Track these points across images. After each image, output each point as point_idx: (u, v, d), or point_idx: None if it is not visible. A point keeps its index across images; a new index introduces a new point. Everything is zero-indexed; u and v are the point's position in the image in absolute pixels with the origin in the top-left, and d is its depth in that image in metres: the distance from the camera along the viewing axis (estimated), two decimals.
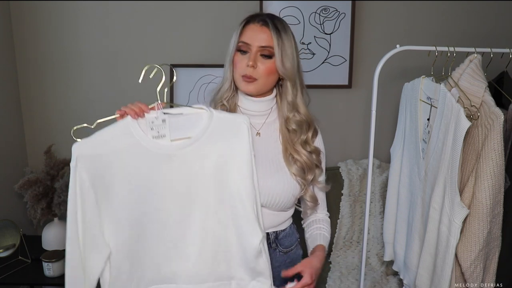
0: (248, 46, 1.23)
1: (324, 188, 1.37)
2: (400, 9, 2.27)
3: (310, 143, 1.31)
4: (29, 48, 2.23)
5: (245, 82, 1.24)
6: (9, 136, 2.21)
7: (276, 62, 1.22)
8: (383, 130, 2.28)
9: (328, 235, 1.37)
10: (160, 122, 1.09)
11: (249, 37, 1.23)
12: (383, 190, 2.24)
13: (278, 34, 1.21)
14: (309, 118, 1.31)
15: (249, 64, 1.21)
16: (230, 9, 2.22)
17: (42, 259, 1.92)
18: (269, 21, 1.23)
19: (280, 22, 1.25)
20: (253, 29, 1.23)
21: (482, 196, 1.41)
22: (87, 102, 2.29)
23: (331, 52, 2.28)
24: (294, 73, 1.25)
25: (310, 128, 1.32)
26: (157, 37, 2.24)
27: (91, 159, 1.07)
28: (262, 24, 1.23)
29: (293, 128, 1.29)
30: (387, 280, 2.13)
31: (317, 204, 1.34)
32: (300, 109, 1.30)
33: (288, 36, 1.24)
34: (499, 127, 1.38)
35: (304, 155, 1.28)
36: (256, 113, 1.31)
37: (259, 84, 1.25)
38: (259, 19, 1.24)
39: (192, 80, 2.27)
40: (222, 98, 1.31)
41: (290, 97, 1.28)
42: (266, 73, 1.23)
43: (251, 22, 1.24)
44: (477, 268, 1.46)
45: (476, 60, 1.51)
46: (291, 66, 1.24)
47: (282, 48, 1.21)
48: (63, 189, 2.06)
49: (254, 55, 1.22)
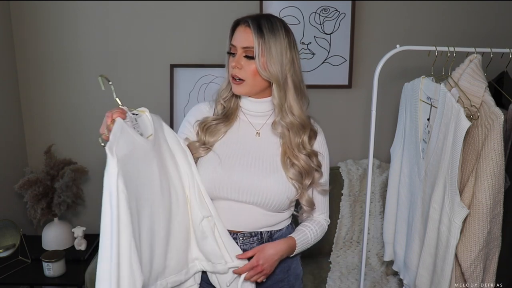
0: (234, 48, 1.25)
1: (323, 192, 1.36)
2: (400, 9, 2.27)
3: (306, 146, 1.29)
4: (29, 48, 2.23)
5: (234, 84, 1.26)
6: (9, 136, 2.21)
7: (256, 63, 1.21)
8: (383, 130, 2.28)
9: (310, 236, 1.34)
10: (135, 122, 1.11)
11: (235, 38, 1.25)
12: (383, 190, 2.24)
13: (260, 34, 1.20)
14: (304, 120, 1.28)
15: (232, 65, 1.24)
16: (230, 9, 2.22)
17: (42, 259, 1.92)
18: (251, 22, 1.22)
19: (269, 22, 1.23)
20: (239, 31, 1.25)
21: (482, 196, 1.41)
22: (87, 102, 2.29)
23: (331, 52, 2.28)
24: (278, 75, 1.22)
25: (305, 131, 1.29)
26: (157, 37, 2.24)
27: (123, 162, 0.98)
28: (246, 26, 1.23)
29: (279, 131, 1.28)
30: (387, 280, 2.13)
31: (313, 208, 1.34)
32: (294, 111, 1.26)
33: (276, 37, 1.22)
34: (499, 127, 1.38)
35: (302, 160, 1.27)
36: (257, 114, 1.32)
37: (248, 85, 1.25)
38: (244, 20, 1.24)
39: (192, 80, 2.26)
40: (220, 98, 1.33)
41: (276, 100, 1.25)
42: (252, 73, 1.23)
43: (239, 24, 1.26)
44: (477, 268, 1.46)
45: (476, 60, 1.51)
46: (276, 68, 1.21)
47: (263, 49, 1.20)
48: (63, 189, 2.06)
49: (238, 56, 1.23)
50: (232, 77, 1.25)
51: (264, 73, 1.22)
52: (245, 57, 1.23)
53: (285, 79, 1.25)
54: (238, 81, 1.25)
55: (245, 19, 1.25)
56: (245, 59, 1.23)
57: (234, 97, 1.33)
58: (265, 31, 1.22)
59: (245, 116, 1.33)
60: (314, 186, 1.32)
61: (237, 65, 1.23)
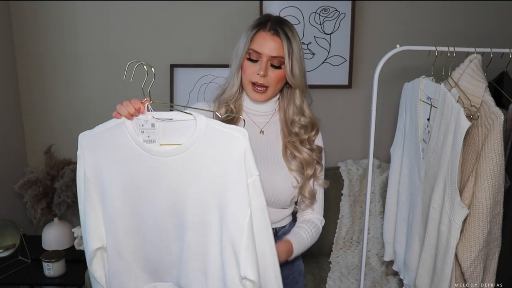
0: (259, 55, 1.23)
1: (324, 184, 1.38)
2: (400, 9, 2.27)
3: (312, 142, 1.33)
4: (29, 48, 2.23)
5: (255, 92, 1.25)
6: (9, 136, 2.21)
7: (287, 72, 1.23)
8: (383, 130, 2.28)
9: (306, 238, 1.33)
10: (149, 126, 1.05)
11: (260, 45, 1.22)
12: (383, 190, 2.24)
13: (289, 43, 1.21)
14: (313, 120, 1.34)
15: (260, 74, 1.22)
16: (230, 9, 2.22)
17: (42, 259, 1.92)
18: (280, 29, 1.22)
19: (289, 28, 1.25)
20: (264, 38, 1.22)
21: (482, 196, 1.41)
22: (87, 102, 2.29)
23: (331, 52, 2.28)
24: (302, 79, 1.27)
25: (314, 129, 1.34)
26: (157, 37, 2.24)
27: (91, 150, 1.08)
28: (274, 33, 1.22)
29: (296, 130, 1.30)
30: (387, 280, 2.13)
31: (314, 201, 1.34)
32: (306, 112, 1.32)
33: (296, 41, 1.24)
34: (499, 127, 1.38)
35: (305, 152, 1.30)
36: (260, 113, 1.34)
37: (270, 92, 1.27)
38: (270, 27, 1.23)
39: (192, 80, 2.26)
40: (228, 100, 1.31)
41: (298, 101, 1.30)
42: (276, 81, 1.25)
43: (262, 30, 1.24)
44: (477, 268, 1.46)
45: (476, 60, 1.51)
46: (299, 72, 1.25)
47: (292, 56, 1.22)
48: (63, 189, 2.06)
49: (265, 64, 1.22)
50: (253, 84, 1.24)
51: (293, 80, 1.24)
52: (271, 65, 1.23)
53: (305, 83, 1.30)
54: (261, 90, 1.24)
55: (271, 25, 1.23)
56: (270, 67, 1.23)
57: (238, 98, 1.33)
58: (292, 38, 1.22)
59: (247, 116, 1.34)
60: (314, 179, 1.34)
61: (265, 74, 1.22)
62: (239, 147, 1.00)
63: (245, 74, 1.26)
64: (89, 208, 1.11)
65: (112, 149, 1.07)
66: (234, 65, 1.28)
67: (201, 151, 1.02)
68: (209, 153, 1.01)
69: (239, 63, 1.26)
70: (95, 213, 1.11)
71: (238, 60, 1.26)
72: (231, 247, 1.02)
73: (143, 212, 1.09)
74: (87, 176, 1.08)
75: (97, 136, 1.08)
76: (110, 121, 1.08)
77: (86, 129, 1.11)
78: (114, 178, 1.08)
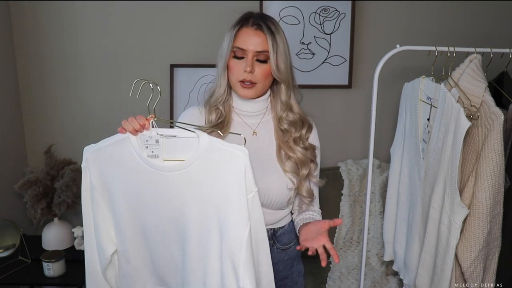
0: (243, 51, 1.22)
1: (319, 183, 1.36)
2: (400, 9, 2.27)
3: (304, 140, 1.31)
4: (29, 48, 2.23)
5: (243, 88, 1.24)
6: (9, 136, 2.21)
7: (272, 67, 1.22)
8: (383, 130, 2.28)
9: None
10: (154, 142, 1.07)
11: (244, 42, 1.21)
12: (383, 190, 2.24)
13: (273, 36, 1.20)
14: (303, 116, 1.32)
15: (247, 70, 1.21)
16: (230, 9, 2.21)
17: (42, 259, 1.92)
18: (263, 24, 1.21)
19: (272, 23, 1.24)
20: (247, 33, 1.22)
21: (482, 196, 1.41)
22: (87, 102, 2.28)
23: (331, 52, 2.28)
24: (288, 74, 1.25)
25: (304, 126, 1.32)
26: (157, 37, 2.24)
27: (96, 163, 1.10)
28: (257, 28, 1.21)
29: (285, 127, 1.29)
30: (387, 280, 2.13)
31: (313, 198, 1.34)
32: (294, 108, 1.30)
33: (280, 35, 1.23)
34: (499, 127, 1.38)
35: (298, 151, 1.28)
36: (252, 114, 1.31)
37: (258, 88, 1.25)
38: (253, 23, 1.22)
39: (192, 80, 2.26)
40: (217, 102, 1.29)
41: (284, 97, 1.28)
42: (264, 76, 1.23)
43: (244, 26, 1.23)
44: (477, 268, 1.46)
45: (476, 60, 1.51)
46: (285, 67, 1.24)
47: (277, 51, 1.21)
48: (63, 189, 2.06)
49: (251, 60, 1.21)
50: (242, 81, 1.23)
51: (278, 74, 1.23)
52: (257, 60, 1.22)
53: (292, 78, 1.28)
54: (249, 85, 1.23)
55: (253, 20, 1.23)
56: (257, 62, 1.22)
57: (227, 100, 1.31)
58: (275, 32, 1.21)
59: (239, 117, 1.32)
60: (309, 177, 1.32)
61: (251, 69, 1.21)
62: (239, 164, 1.03)
63: (232, 73, 1.24)
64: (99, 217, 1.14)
65: (117, 162, 1.09)
66: (220, 65, 1.27)
67: (203, 167, 1.05)
68: (211, 170, 1.05)
69: (224, 62, 1.25)
70: (104, 220, 1.14)
71: (223, 59, 1.25)
72: (230, 260, 1.05)
73: (147, 223, 1.13)
74: (94, 186, 1.11)
75: (102, 150, 1.10)
76: (115, 135, 1.09)
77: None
78: (120, 190, 1.11)
